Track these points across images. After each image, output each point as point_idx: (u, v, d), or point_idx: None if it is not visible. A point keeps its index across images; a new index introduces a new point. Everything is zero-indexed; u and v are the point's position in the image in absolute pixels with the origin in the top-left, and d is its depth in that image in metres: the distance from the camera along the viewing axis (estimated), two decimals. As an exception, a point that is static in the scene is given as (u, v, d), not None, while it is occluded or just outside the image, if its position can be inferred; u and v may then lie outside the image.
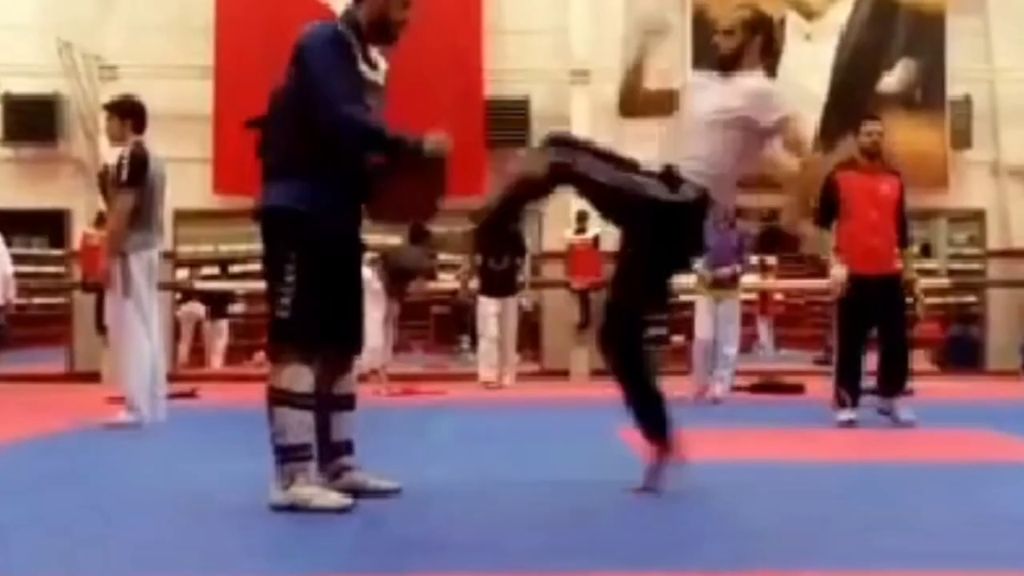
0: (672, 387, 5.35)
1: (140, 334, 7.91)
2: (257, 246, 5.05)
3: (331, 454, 4.80)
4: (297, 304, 4.57)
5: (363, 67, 4.67)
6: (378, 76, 4.78)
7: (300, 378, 4.58)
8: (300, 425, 4.58)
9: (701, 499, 4.98)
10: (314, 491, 4.56)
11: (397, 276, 11.88)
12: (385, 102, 4.85)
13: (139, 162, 7.84)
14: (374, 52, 4.80)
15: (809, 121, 4.96)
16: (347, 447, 4.87)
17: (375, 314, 12.01)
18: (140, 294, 7.91)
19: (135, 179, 7.81)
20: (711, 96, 5.13)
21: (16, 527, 4.42)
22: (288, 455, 4.56)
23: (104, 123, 8.42)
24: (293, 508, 4.49)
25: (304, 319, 4.58)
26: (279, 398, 4.58)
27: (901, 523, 4.49)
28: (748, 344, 18.50)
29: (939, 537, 4.24)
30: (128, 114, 8.02)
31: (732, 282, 10.61)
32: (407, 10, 4.71)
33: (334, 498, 4.56)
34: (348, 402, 4.87)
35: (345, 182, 4.68)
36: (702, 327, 10.68)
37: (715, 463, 5.90)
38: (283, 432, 4.56)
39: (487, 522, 4.57)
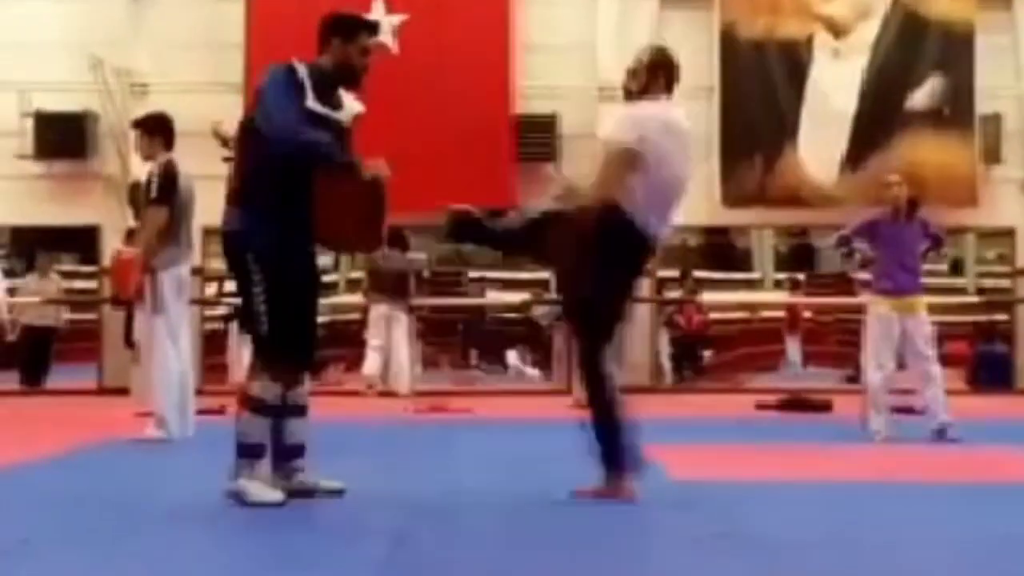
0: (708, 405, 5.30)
1: (168, 350, 7.95)
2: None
3: (285, 456, 5.38)
4: (273, 326, 5.18)
5: (314, 104, 5.15)
6: (340, 115, 5.30)
7: (270, 391, 5.25)
8: (260, 429, 5.25)
9: (726, 516, 4.97)
10: (255, 485, 5.16)
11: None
12: (349, 143, 5.34)
13: (169, 179, 7.88)
14: (344, 95, 5.35)
15: (621, 146, 5.31)
16: (299, 450, 5.44)
17: (403, 341, 12.76)
18: (169, 310, 7.95)
19: (165, 195, 7.85)
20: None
21: (45, 542, 4.45)
22: (245, 452, 5.20)
23: (135, 140, 8.46)
24: (238, 496, 5.12)
25: (279, 342, 5.20)
26: (249, 403, 5.24)
27: (926, 542, 4.47)
28: (776, 361, 18.50)
29: (964, 556, 4.22)
30: (157, 131, 8.07)
31: (918, 288, 8.62)
32: (366, 58, 5.32)
33: (270, 493, 5.15)
34: (301, 411, 5.45)
35: (299, 211, 5.15)
36: (879, 362, 8.48)
37: (741, 481, 5.89)
38: (246, 433, 5.22)
39: (508, 540, 4.58)
